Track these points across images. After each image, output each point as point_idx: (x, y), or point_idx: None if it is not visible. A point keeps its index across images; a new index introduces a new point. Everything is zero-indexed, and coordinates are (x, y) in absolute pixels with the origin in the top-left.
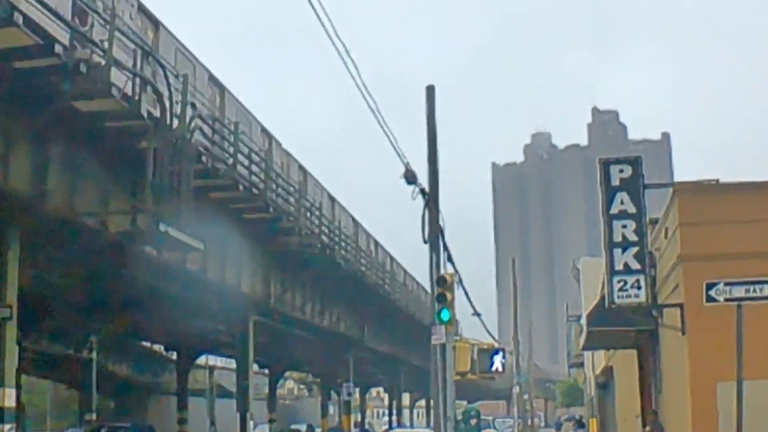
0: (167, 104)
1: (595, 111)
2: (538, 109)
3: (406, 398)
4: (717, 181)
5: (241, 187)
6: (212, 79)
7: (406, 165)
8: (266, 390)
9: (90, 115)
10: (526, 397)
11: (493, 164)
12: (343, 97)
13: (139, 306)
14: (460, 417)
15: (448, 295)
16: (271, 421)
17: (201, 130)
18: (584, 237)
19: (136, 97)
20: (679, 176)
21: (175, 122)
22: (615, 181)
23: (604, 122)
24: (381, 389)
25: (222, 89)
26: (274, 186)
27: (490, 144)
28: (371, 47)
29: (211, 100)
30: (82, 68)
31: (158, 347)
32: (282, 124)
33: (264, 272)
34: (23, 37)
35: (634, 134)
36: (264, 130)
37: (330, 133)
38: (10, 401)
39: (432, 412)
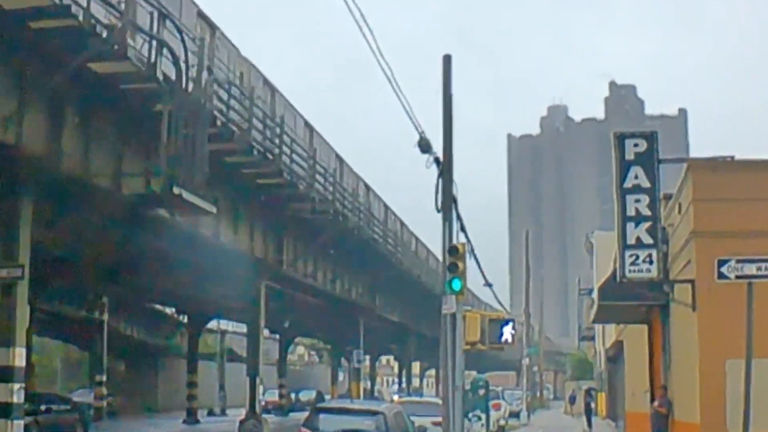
0: (183, 68)
1: (613, 85)
2: (556, 82)
3: (416, 367)
4: (732, 157)
5: (255, 152)
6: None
7: (421, 134)
8: (276, 355)
9: (106, 76)
10: (535, 369)
11: (509, 136)
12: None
13: (151, 269)
14: (468, 387)
15: (460, 265)
16: (280, 386)
17: (216, 94)
18: (598, 210)
19: (153, 60)
20: (696, 153)
21: (191, 86)
22: (630, 155)
23: (621, 96)
24: (391, 357)
25: (244, 60)
26: (288, 151)
27: (506, 116)
28: (380, 18)
29: (225, 63)
30: (99, 30)
31: (169, 310)
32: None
33: (277, 238)
34: None
35: (651, 109)
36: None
37: (342, 97)
38: (20, 361)
39: (441, 381)
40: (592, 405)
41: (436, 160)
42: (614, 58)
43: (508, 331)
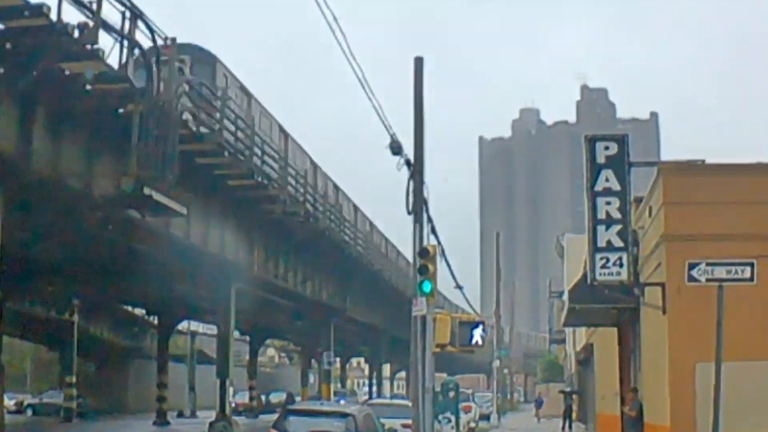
0: (155, 68)
1: (584, 88)
2: (528, 84)
3: (386, 369)
4: (703, 161)
5: (226, 153)
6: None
7: (392, 136)
8: (247, 357)
9: (77, 76)
10: (506, 371)
11: (481, 138)
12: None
13: (122, 270)
14: (438, 389)
15: (430, 267)
16: (251, 388)
17: (187, 94)
18: (569, 213)
19: (124, 61)
20: (667, 156)
21: (162, 86)
22: (600, 158)
23: (593, 100)
24: (362, 360)
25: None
26: (259, 152)
27: (478, 118)
28: (349, 20)
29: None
30: (71, 29)
31: (140, 312)
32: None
33: (247, 239)
34: None
35: (622, 113)
36: (243, 89)
37: (309, 96)
38: None
39: (411, 383)
40: (573, 407)
41: (407, 162)
42: (586, 62)
43: (478, 334)
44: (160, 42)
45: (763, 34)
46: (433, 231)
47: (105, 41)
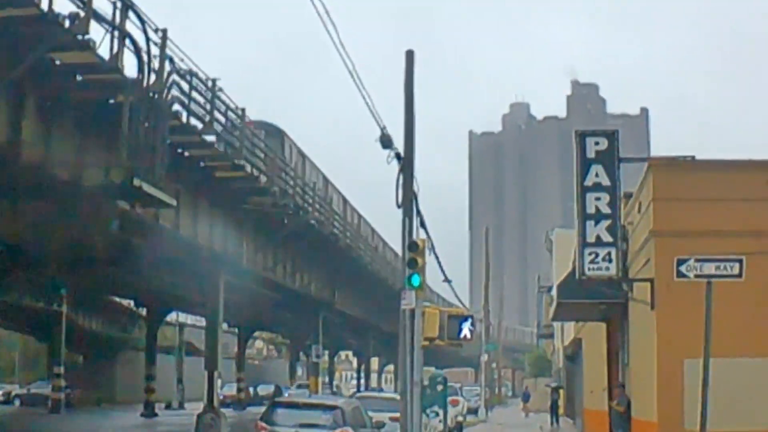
0: (145, 58)
1: (575, 83)
2: (519, 79)
3: (374, 362)
4: (693, 157)
5: (216, 145)
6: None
7: (383, 129)
8: (235, 349)
9: (67, 67)
10: (494, 366)
11: (471, 132)
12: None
13: (111, 261)
14: (426, 383)
15: (419, 261)
16: (239, 380)
17: (178, 85)
18: (559, 208)
19: (115, 51)
20: (657, 152)
21: (153, 77)
22: (590, 154)
23: (583, 95)
24: (350, 353)
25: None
26: (249, 144)
27: (468, 112)
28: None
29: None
30: (62, 20)
31: (128, 303)
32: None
33: (236, 231)
34: None
35: (613, 108)
36: (300, 152)
37: (299, 89)
38: None
39: (399, 377)
40: (559, 402)
41: (397, 155)
42: (578, 57)
43: (466, 328)
44: (151, 33)
45: (759, 32)
46: (423, 224)
47: (96, 32)
